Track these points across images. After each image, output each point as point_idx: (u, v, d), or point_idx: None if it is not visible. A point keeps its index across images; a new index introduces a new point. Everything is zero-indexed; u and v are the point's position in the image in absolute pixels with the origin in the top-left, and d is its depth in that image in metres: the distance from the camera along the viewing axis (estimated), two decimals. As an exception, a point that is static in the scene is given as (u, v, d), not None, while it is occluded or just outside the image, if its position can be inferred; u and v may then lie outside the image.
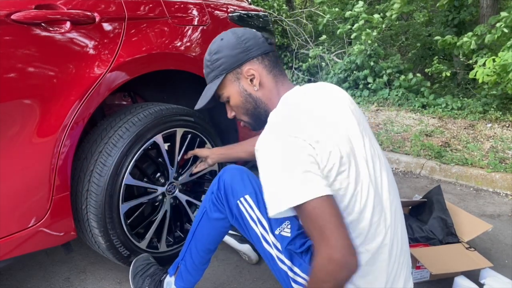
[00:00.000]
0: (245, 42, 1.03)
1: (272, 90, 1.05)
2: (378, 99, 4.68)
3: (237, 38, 1.04)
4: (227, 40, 1.05)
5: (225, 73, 1.05)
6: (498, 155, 2.89)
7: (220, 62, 1.05)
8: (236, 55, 1.03)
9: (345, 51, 6.06)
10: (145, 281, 1.32)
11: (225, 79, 1.06)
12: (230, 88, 1.07)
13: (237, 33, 1.05)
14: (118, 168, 1.34)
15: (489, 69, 3.22)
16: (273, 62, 1.06)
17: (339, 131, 0.93)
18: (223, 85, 1.07)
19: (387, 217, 0.97)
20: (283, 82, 1.06)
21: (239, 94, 1.06)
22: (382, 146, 3.31)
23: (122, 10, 1.37)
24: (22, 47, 1.14)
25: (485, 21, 4.48)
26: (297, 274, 1.05)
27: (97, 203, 1.32)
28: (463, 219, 1.76)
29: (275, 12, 6.79)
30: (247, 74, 1.04)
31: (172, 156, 1.55)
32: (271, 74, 1.05)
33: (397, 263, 0.99)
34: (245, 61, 1.03)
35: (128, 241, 1.42)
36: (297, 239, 1.06)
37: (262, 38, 1.05)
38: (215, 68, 1.06)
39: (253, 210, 1.11)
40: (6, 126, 1.11)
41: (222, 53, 1.04)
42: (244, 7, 1.91)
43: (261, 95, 1.05)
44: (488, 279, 1.48)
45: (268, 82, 1.05)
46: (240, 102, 1.08)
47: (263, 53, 1.04)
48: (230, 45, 1.04)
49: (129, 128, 1.37)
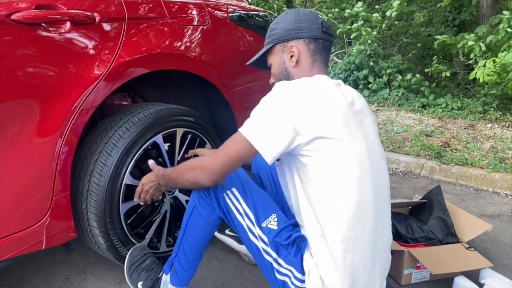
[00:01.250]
0: (300, 22, 1.12)
1: (306, 71, 1.13)
2: (378, 99, 4.68)
3: (296, 17, 1.13)
4: (288, 16, 1.15)
5: (275, 42, 1.16)
6: (498, 155, 2.89)
7: (275, 32, 1.16)
8: (288, 30, 1.13)
9: (345, 51, 6.06)
10: (140, 274, 1.30)
11: (273, 48, 1.18)
12: (275, 57, 1.18)
13: (299, 12, 1.14)
14: (118, 168, 1.34)
15: (489, 70, 3.21)
16: (319, 49, 1.13)
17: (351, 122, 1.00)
18: (270, 52, 1.19)
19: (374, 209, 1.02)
20: (320, 69, 1.14)
21: (279, 65, 1.17)
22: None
23: (122, 10, 1.37)
24: (22, 47, 1.14)
25: (485, 21, 4.48)
26: (281, 266, 1.09)
27: (97, 203, 1.32)
28: (463, 219, 1.76)
29: (275, 13, 6.79)
30: (290, 50, 1.13)
31: (172, 156, 1.55)
32: (311, 58, 1.13)
33: (380, 256, 1.05)
34: (293, 37, 1.13)
35: (128, 241, 1.42)
36: (283, 232, 1.10)
37: (318, 25, 1.12)
38: (270, 35, 1.18)
39: (240, 203, 1.14)
40: (6, 126, 1.11)
41: (279, 25, 1.16)
42: (244, 7, 1.91)
43: (295, 72, 1.14)
44: (488, 279, 1.48)
45: (306, 63, 1.13)
46: (276, 71, 1.19)
47: (312, 37, 1.12)
48: (287, 21, 1.14)
49: (129, 128, 1.37)
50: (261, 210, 1.13)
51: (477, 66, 3.44)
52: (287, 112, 0.97)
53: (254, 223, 1.12)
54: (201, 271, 1.62)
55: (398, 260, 1.53)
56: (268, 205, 1.14)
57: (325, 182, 0.98)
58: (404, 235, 1.72)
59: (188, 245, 1.23)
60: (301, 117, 0.96)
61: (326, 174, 0.97)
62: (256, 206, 1.12)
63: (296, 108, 0.97)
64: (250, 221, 1.12)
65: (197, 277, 1.57)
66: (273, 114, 0.98)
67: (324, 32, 1.12)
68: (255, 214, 1.12)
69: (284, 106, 0.98)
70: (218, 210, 1.18)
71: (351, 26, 5.04)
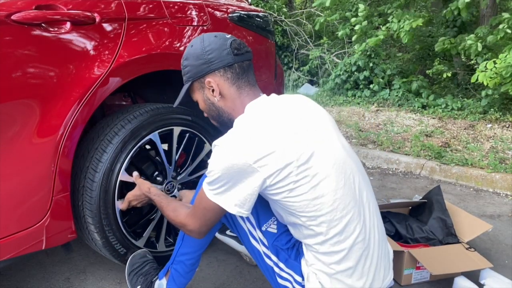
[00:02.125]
0: (208, 54, 1.05)
1: (235, 100, 1.07)
2: (378, 100, 4.68)
3: (202, 49, 1.06)
4: (194, 49, 1.08)
5: (191, 80, 1.11)
6: (498, 155, 2.89)
7: (187, 69, 1.11)
8: (199, 65, 1.07)
9: (345, 51, 6.07)
10: (138, 279, 1.33)
11: (192, 85, 1.13)
12: (197, 95, 1.14)
13: (204, 42, 1.07)
14: (112, 164, 1.35)
15: (491, 71, 3.20)
16: (238, 74, 1.07)
17: (304, 137, 0.97)
18: (191, 90, 1.14)
19: (361, 214, 1.01)
20: (249, 92, 1.08)
21: (204, 101, 1.13)
22: (382, 147, 3.32)
23: (122, 11, 1.37)
24: (23, 48, 1.14)
25: (485, 22, 4.48)
26: (282, 270, 1.08)
27: (92, 199, 1.32)
28: (463, 220, 1.76)
29: (274, 13, 6.80)
30: (208, 86, 1.08)
31: (170, 154, 1.55)
32: (234, 86, 1.07)
33: (375, 256, 1.03)
34: (206, 73, 1.07)
35: (124, 239, 1.42)
36: (283, 236, 1.09)
37: (228, 49, 1.05)
38: (185, 73, 1.12)
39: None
40: (6, 126, 1.11)
41: (188, 61, 1.10)
42: (244, 8, 1.91)
43: (223, 105, 1.09)
44: (488, 279, 1.48)
45: (231, 94, 1.07)
46: (205, 108, 1.15)
47: (225, 65, 1.05)
48: (195, 55, 1.07)
49: (124, 125, 1.38)
50: (262, 213, 1.12)
51: (478, 67, 3.44)
52: (246, 172, 0.93)
53: (255, 227, 1.11)
54: (201, 271, 1.62)
55: (398, 261, 1.53)
56: (268, 208, 1.13)
57: (303, 208, 0.97)
58: (404, 235, 1.72)
59: (186, 250, 1.23)
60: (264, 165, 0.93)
61: (303, 201, 0.96)
62: (257, 209, 1.11)
63: (255, 165, 0.92)
64: (251, 224, 1.12)
65: (197, 277, 1.57)
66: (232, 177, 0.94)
67: (236, 55, 1.06)
68: (256, 217, 1.11)
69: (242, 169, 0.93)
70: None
71: (353, 26, 5.04)
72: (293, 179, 0.93)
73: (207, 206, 1.01)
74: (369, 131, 3.72)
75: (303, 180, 0.94)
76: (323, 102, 5.07)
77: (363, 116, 4.24)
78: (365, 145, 3.42)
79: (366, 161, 3.20)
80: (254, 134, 0.95)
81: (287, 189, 0.95)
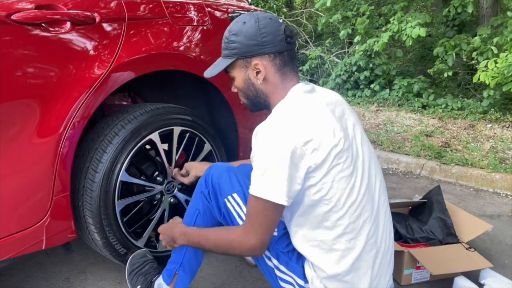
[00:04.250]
0: (262, 36, 1.02)
1: (277, 85, 1.06)
2: (378, 99, 4.68)
3: (257, 29, 1.02)
4: (247, 27, 1.03)
5: (236, 57, 1.06)
6: (498, 155, 2.89)
7: (234, 45, 1.05)
8: (250, 45, 1.03)
9: (345, 51, 6.06)
10: (138, 279, 1.32)
11: (235, 62, 1.07)
12: (238, 72, 1.09)
13: (259, 22, 1.03)
14: (113, 164, 1.35)
15: (493, 71, 3.20)
16: (286, 61, 1.05)
17: (344, 127, 0.99)
18: (232, 66, 1.09)
19: (377, 217, 1.02)
20: (292, 78, 1.07)
21: (243, 80, 1.09)
22: (382, 147, 3.32)
23: (122, 11, 1.37)
24: (22, 48, 1.14)
25: (485, 22, 4.47)
26: (284, 273, 1.07)
27: (92, 199, 1.32)
28: (463, 220, 1.76)
29: (274, 13, 6.79)
30: (254, 67, 1.05)
31: (170, 154, 1.55)
32: (279, 72, 1.05)
33: (384, 262, 1.03)
34: (256, 54, 1.03)
35: (124, 239, 1.42)
36: (283, 238, 1.08)
37: (282, 36, 1.03)
38: (229, 48, 1.06)
39: (241, 208, 1.13)
40: (6, 126, 1.11)
41: (239, 38, 1.04)
42: (244, 7, 1.91)
43: (263, 88, 1.07)
44: (488, 279, 1.48)
45: (274, 79, 1.06)
46: (242, 87, 1.11)
47: (277, 51, 1.03)
48: (248, 34, 1.03)
49: (124, 126, 1.38)
50: None
51: (479, 67, 3.43)
52: (290, 156, 0.91)
53: None
54: (201, 271, 1.62)
55: (398, 261, 1.53)
56: None
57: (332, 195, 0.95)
58: (404, 235, 1.72)
59: (194, 255, 1.24)
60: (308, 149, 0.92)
61: (334, 188, 0.95)
62: None
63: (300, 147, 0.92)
64: None
65: (197, 277, 1.56)
66: (277, 164, 0.92)
67: (288, 42, 1.04)
68: None
69: (286, 152, 0.91)
70: (218, 215, 1.18)
71: (354, 27, 5.04)
72: (332, 163, 0.94)
73: (263, 206, 0.94)
74: (369, 131, 3.72)
75: (339, 166, 0.95)
76: (323, 102, 5.05)
77: (363, 116, 4.24)
78: (365, 145, 3.41)
79: (366, 161, 3.19)
80: (297, 118, 0.96)
81: (324, 172, 0.94)
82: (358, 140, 1.03)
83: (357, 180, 0.98)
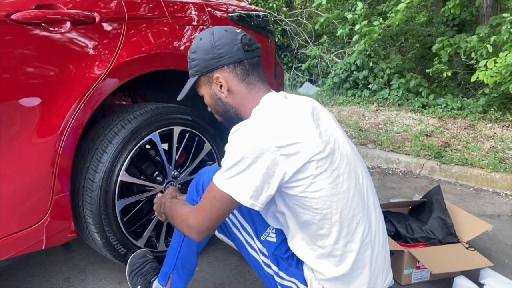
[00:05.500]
0: (218, 48, 1.01)
1: (245, 97, 1.04)
2: (378, 99, 4.68)
3: (211, 43, 1.02)
4: (203, 42, 1.03)
5: (198, 74, 1.06)
6: (498, 155, 2.89)
7: (194, 63, 1.06)
8: (208, 60, 1.03)
9: (345, 51, 6.06)
10: (138, 279, 1.33)
11: (199, 80, 1.08)
12: (204, 89, 1.09)
13: (214, 35, 1.03)
14: (113, 164, 1.35)
15: (492, 71, 3.20)
16: (248, 70, 1.03)
17: (323, 133, 0.96)
18: (198, 84, 1.10)
19: (368, 216, 1.01)
20: (261, 87, 1.05)
21: (210, 97, 1.08)
22: (382, 146, 3.32)
23: (122, 10, 1.37)
24: (22, 47, 1.14)
25: (485, 21, 4.47)
26: (283, 279, 1.06)
27: (92, 199, 1.32)
28: (463, 219, 1.76)
29: (274, 13, 6.79)
30: (216, 81, 1.04)
31: (170, 154, 1.55)
32: (244, 83, 1.03)
33: (380, 258, 1.03)
34: (215, 67, 1.02)
35: (124, 239, 1.43)
36: (282, 244, 1.07)
37: (238, 45, 1.01)
38: (192, 67, 1.07)
39: (235, 216, 1.12)
40: (6, 126, 1.11)
41: (197, 55, 1.05)
42: (244, 7, 1.91)
43: (231, 101, 1.05)
44: (488, 279, 1.48)
45: (240, 90, 1.03)
46: (211, 103, 1.10)
47: (235, 61, 1.01)
48: (204, 49, 1.03)
49: (124, 126, 1.38)
50: (258, 222, 1.09)
51: (478, 67, 3.43)
52: (267, 160, 0.89)
53: (253, 237, 1.09)
54: (201, 271, 1.62)
55: (398, 260, 1.53)
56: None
57: (320, 205, 0.94)
58: (404, 235, 1.72)
59: (187, 256, 1.23)
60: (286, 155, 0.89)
61: (321, 197, 0.93)
62: (253, 219, 1.09)
63: (276, 153, 0.89)
64: (248, 234, 1.10)
65: (197, 277, 1.57)
66: (250, 165, 0.89)
67: (246, 51, 1.02)
68: (252, 227, 1.09)
69: (263, 156, 0.89)
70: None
71: (352, 27, 5.04)
72: (314, 172, 0.91)
73: (217, 195, 0.93)
74: (369, 131, 3.72)
75: (323, 174, 0.92)
76: (323, 101, 5.07)
77: (363, 116, 4.24)
78: (365, 144, 3.42)
79: (366, 161, 3.20)
80: (277, 122, 0.92)
81: (306, 182, 0.91)
82: (340, 142, 0.99)
83: (345, 183, 0.96)
